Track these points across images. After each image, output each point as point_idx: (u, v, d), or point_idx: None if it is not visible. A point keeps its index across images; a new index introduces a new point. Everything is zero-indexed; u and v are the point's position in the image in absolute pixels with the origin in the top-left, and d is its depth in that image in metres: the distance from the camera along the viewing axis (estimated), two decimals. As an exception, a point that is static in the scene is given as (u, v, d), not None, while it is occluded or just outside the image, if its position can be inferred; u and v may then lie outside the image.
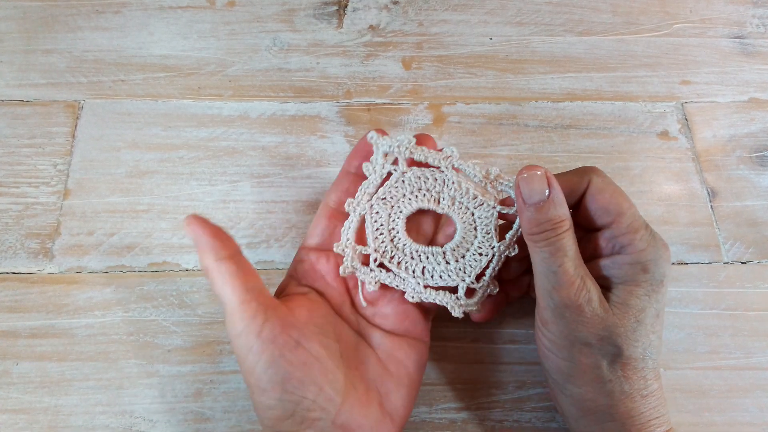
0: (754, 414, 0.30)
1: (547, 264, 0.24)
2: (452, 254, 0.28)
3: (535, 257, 0.25)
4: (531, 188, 0.24)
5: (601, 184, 0.26)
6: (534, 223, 0.24)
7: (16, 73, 0.38)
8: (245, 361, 0.23)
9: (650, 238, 0.25)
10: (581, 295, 0.23)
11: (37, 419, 0.29)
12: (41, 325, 0.31)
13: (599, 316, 0.23)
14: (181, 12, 0.41)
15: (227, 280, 0.23)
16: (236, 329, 0.23)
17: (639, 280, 0.24)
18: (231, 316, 0.23)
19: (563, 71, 0.40)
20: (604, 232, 0.26)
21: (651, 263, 0.24)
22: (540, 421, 0.30)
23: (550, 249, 0.24)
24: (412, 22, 0.42)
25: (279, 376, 0.22)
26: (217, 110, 0.38)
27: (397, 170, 0.28)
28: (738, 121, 0.39)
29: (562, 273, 0.24)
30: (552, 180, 0.24)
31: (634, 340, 0.24)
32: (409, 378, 0.27)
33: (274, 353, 0.22)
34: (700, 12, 0.43)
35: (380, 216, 0.28)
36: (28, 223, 0.34)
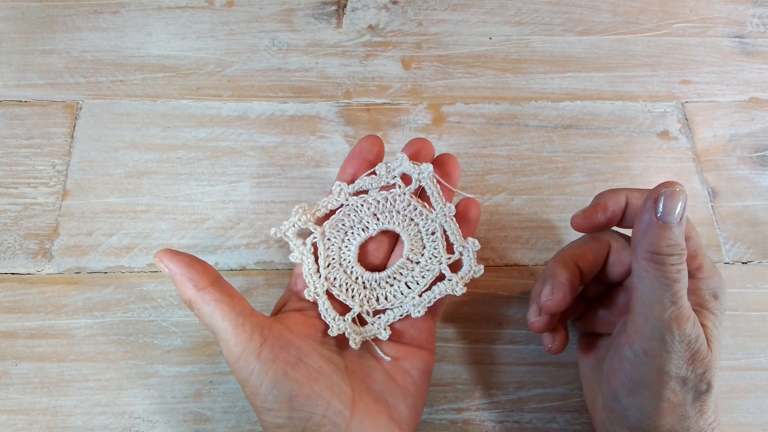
0: (755, 414, 0.30)
1: (667, 292, 0.22)
2: (399, 273, 0.28)
3: (650, 283, 0.22)
4: (673, 206, 0.22)
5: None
6: (664, 243, 0.22)
7: (14, 74, 0.38)
8: (247, 383, 0.22)
9: (713, 265, 0.24)
10: (694, 330, 0.22)
11: (36, 420, 0.29)
12: (40, 325, 0.31)
13: (702, 352, 0.22)
14: (179, 12, 0.41)
15: (215, 308, 0.23)
16: (234, 354, 0.22)
17: (712, 308, 0.23)
18: (226, 342, 0.22)
19: (563, 71, 0.40)
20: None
21: (719, 290, 0.24)
22: (540, 422, 0.30)
23: (674, 276, 0.22)
24: (411, 22, 0.42)
25: (285, 395, 0.22)
26: (216, 110, 0.38)
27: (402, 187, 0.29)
28: (738, 121, 0.38)
29: (682, 305, 0.22)
30: (686, 203, 0.22)
31: (716, 373, 0.23)
32: (415, 387, 0.27)
33: (276, 372, 0.22)
34: (700, 11, 0.43)
35: (352, 215, 0.29)
36: (27, 224, 0.34)
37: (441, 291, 0.28)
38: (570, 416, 0.30)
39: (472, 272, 0.28)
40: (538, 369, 0.31)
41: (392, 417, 0.25)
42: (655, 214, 0.22)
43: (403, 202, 0.29)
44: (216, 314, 0.23)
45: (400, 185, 0.29)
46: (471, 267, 0.28)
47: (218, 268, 0.33)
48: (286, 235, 0.28)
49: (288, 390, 0.22)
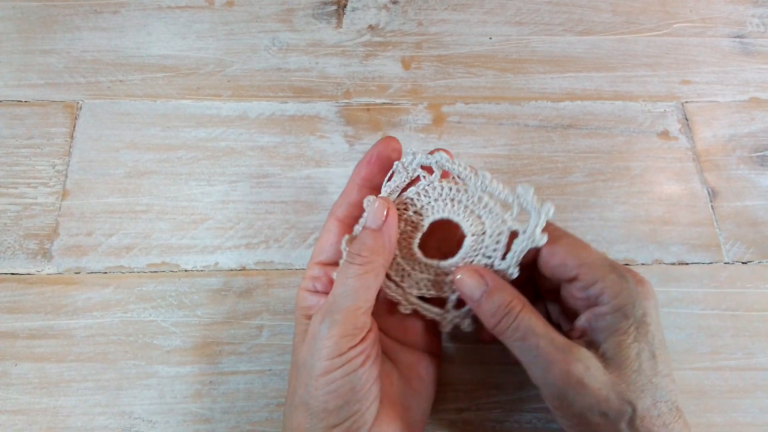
0: (755, 415, 0.30)
1: (526, 351, 0.23)
2: (452, 268, 0.27)
3: (513, 351, 0.24)
4: (469, 289, 0.25)
5: (552, 242, 0.25)
6: (488, 316, 0.24)
7: (14, 74, 0.38)
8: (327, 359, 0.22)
9: (620, 280, 0.23)
10: (575, 368, 0.22)
11: (36, 420, 0.29)
12: (40, 326, 0.31)
13: (602, 381, 0.22)
14: (179, 12, 0.41)
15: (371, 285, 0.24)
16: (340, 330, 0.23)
17: (623, 328, 0.23)
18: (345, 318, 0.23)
19: (563, 71, 0.40)
20: (574, 285, 0.25)
21: (629, 307, 0.23)
22: (540, 422, 0.30)
23: (517, 334, 0.23)
24: (411, 22, 0.42)
25: (351, 385, 0.22)
26: (216, 110, 0.38)
27: (427, 177, 0.27)
28: (738, 121, 0.38)
29: (542, 354, 0.23)
30: (482, 271, 0.25)
31: (640, 391, 0.22)
32: (427, 391, 0.27)
33: (357, 363, 0.23)
34: (700, 11, 0.43)
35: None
36: (27, 224, 0.34)
37: (521, 245, 0.26)
38: (570, 416, 0.30)
39: (542, 215, 0.25)
40: (538, 369, 0.31)
41: (406, 421, 0.25)
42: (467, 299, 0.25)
43: (436, 190, 0.27)
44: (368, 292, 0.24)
45: (424, 176, 0.27)
46: (538, 211, 0.25)
47: (218, 268, 0.33)
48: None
49: (357, 382, 0.22)
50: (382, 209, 0.25)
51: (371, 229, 0.25)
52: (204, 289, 0.32)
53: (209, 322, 0.32)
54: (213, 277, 0.33)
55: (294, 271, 0.33)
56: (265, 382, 0.30)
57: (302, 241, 0.34)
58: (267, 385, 0.30)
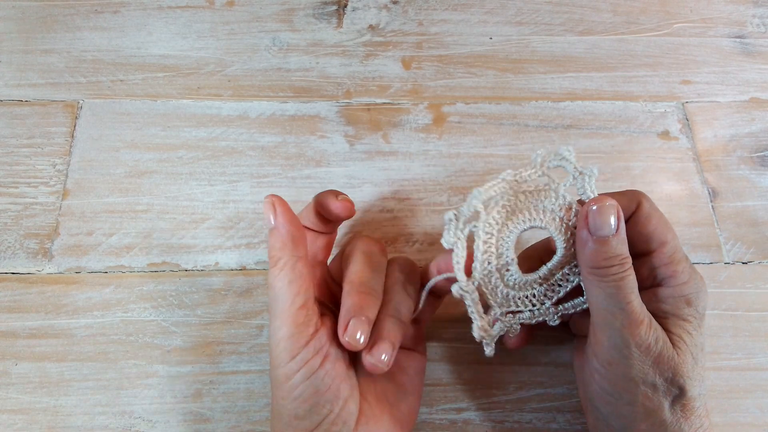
0: (755, 415, 0.30)
1: (614, 300, 0.23)
2: (519, 284, 0.26)
3: (597, 293, 0.23)
4: (602, 220, 0.23)
5: (650, 210, 0.24)
6: (601, 257, 0.23)
7: (14, 73, 0.38)
8: (283, 366, 0.22)
9: (691, 270, 0.24)
10: (650, 334, 0.22)
11: (37, 419, 0.29)
12: (40, 325, 0.31)
13: (666, 355, 0.22)
14: (180, 12, 0.41)
15: (294, 280, 0.23)
16: (283, 333, 0.22)
17: (685, 314, 0.23)
18: (283, 318, 0.22)
19: (563, 71, 0.40)
20: (648, 260, 0.24)
21: (693, 296, 0.23)
22: (541, 421, 0.30)
23: (618, 285, 0.22)
24: (411, 22, 0.42)
25: (315, 387, 0.22)
26: (217, 110, 0.38)
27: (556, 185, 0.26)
28: (739, 121, 0.38)
29: (631, 311, 0.22)
30: (620, 213, 0.23)
31: (694, 378, 0.23)
32: (413, 386, 0.27)
33: (315, 364, 0.22)
34: (700, 11, 0.43)
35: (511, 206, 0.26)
36: (27, 224, 0.34)
37: (578, 304, 0.26)
38: (570, 416, 0.30)
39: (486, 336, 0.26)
40: (538, 369, 0.31)
41: (394, 416, 0.25)
42: (588, 231, 0.23)
43: (558, 200, 0.26)
44: (292, 287, 0.23)
45: (555, 180, 0.26)
46: (493, 336, 0.26)
47: (218, 267, 0.33)
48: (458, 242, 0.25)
49: (320, 384, 0.22)
50: (267, 208, 0.24)
51: (269, 229, 0.24)
52: (204, 289, 0.32)
53: (209, 321, 0.32)
54: (213, 277, 0.33)
55: (294, 271, 0.33)
56: (265, 382, 0.30)
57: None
58: (267, 385, 0.30)
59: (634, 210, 0.25)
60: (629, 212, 0.25)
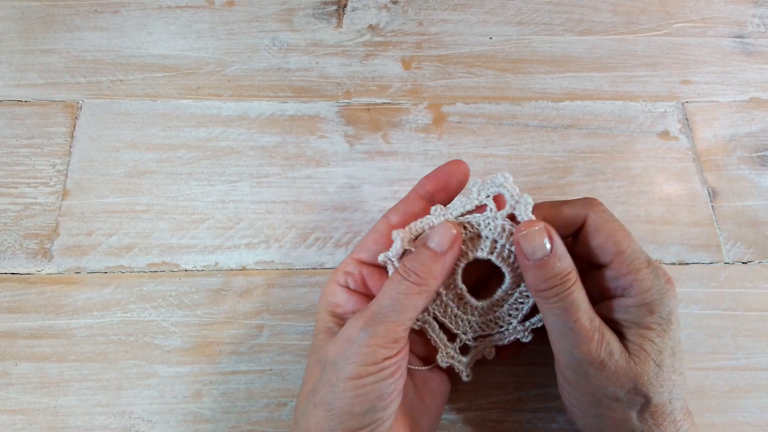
0: (755, 415, 0.30)
1: (562, 321, 0.23)
2: (477, 310, 0.27)
3: (547, 315, 0.24)
4: (532, 245, 0.23)
5: (599, 221, 0.24)
6: (541, 280, 0.23)
7: (14, 73, 0.38)
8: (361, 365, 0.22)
9: (653, 276, 0.23)
10: (602, 349, 0.22)
11: (36, 420, 0.29)
12: (40, 325, 0.31)
13: (623, 367, 0.22)
14: (179, 12, 0.41)
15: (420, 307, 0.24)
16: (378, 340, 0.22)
17: (647, 323, 0.23)
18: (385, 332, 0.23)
19: (563, 71, 0.40)
20: (606, 271, 0.24)
21: (656, 303, 0.23)
22: (540, 421, 0.30)
23: (562, 305, 0.23)
24: (411, 22, 0.42)
25: (379, 392, 0.22)
26: (216, 110, 0.38)
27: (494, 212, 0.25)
28: (739, 121, 0.38)
29: (579, 329, 0.22)
30: (552, 233, 0.23)
31: (659, 385, 0.23)
32: (437, 408, 0.27)
33: (388, 373, 0.23)
34: (700, 11, 0.43)
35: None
36: (27, 224, 0.34)
37: (438, 340, 0.27)
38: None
39: (458, 365, 0.27)
40: (538, 369, 0.31)
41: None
42: (524, 257, 0.23)
43: (497, 228, 0.25)
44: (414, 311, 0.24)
45: (492, 208, 0.25)
46: (466, 364, 0.27)
47: (218, 267, 0.33)
48: (390, 261, 0.26)
49: (384, 391, 0.22)
50: (450, 233, 0.24)
51: (434, 251, 0.24)
52: (204, 289, 0.32)
53: (209, 321, 0.32)
54: (213, 277, 0.33)
55: (294, 271, 0.33)
56: (265, 382, 0.30)
57: (302, 241, 0.34)
58: (267, 385, 0.30)
59: (583, 221, 0.25)
60: (576, 225, 0.25)
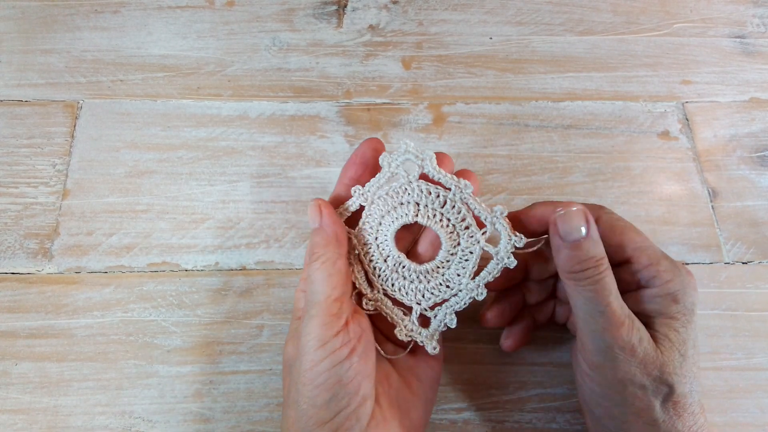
0: (755, 415, 0.30)
1: (593, 304, 0.23)
2: (423, 275, 0.27)
3: (577, 298, 0.24)
4: (570, 225, 0.23)
5: (611, 221, 0.25)
6: (575, 261, 0.23)
7: (14, 73, 0.38)
8: (310, 353, 0.23)
9: (674, 267, 0.24)
10: (633, 334, 0.22)
11: (37, 419, 0.29)
12: (40, 325, 0.31)
13: (650, 355, 0.23)
14: (180, 12, 0.41)
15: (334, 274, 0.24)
16: (316, 323, 0.23)
17: (672, 312, 0.23)
18: (318, 308, 0.23)
19: (563, 71, 0.40)
20: (625, 267, 0.25)
21: (680, 293, 0.24)
22: (540, 421, 0.30)
23: (595, 288, 0.23)
24: (411, 22, 0.42)
25: (338, 378, 0.22)
26: (217, 110, 0.38)
27: (407, 176, 0.27)
28: (739, 121, 0.38)
29: (611, 313, 0.23)
30: (589, 216, 0.23)
31: (683, 375, 0.23)
32: (425, 395, 0.27)
33: (342, 355, 0.23)
34: (700, 12, 0.43)
35: (376, 211, 0.27)
36: (27, 224, 0.34)
37: (493, 268, 0.26)
38: (570, 416, 0.30)
39: (512, 241, 0.26)
40: (538, 369, 0.31)
41: (403, 424, 0.25)
42: (559, 237, 0.23)
43: (415, 192, 0.27)
44: (330, 280, 0.24)
45: (403, 175, 0.26)
46: (509, 235, 0.26)
47: (218, 267, 0.33)
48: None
49: (343, 375, 0.23)
50: (314, 210, 0.26)
51: (313, 228, 0.26)
52: (204, 289, 0.32)
53: (209, 321, 0.32)
54: (213, 277, 0.33)
55: (294, 271, 0.33)
56: (265, 382, 0.30)
57: (302, 241, 0.34)
58: (267, 385, 0.30)
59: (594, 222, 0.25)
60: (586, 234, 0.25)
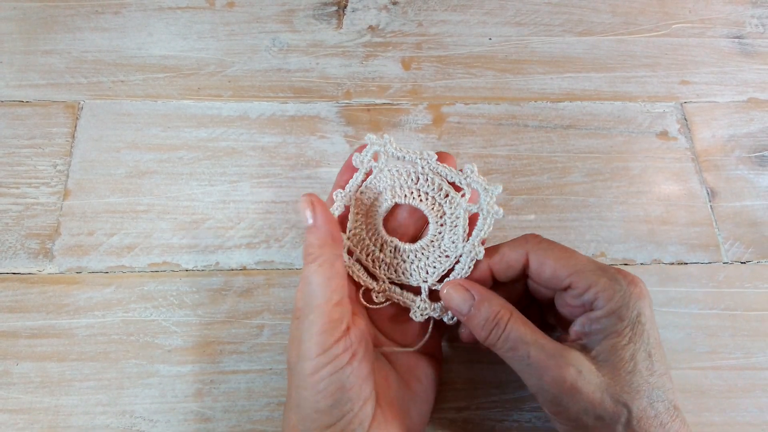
0: (753, 414, 0.30)
1: (517, 360, 0.24)
2: (421, 252, 0.28)
3: (507, 362, 0.24)
4: (456, 304, 0.25)
5: (540, 253, 0.25)
6: (479, 330, 0.24)
7: (15, 74, 0.38)
8: (311, 359, 0.22)
9: (613, 283, 0.24)
10: (567, 373, 0.22)
11: (38, 419, 0.29)
12: (41, 325, 0.31)
13: (595, 384, 0.23)
14: (180, 12, 0.41)
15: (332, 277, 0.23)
16: (317, 328, 0.23)
17: (617, 329, 0.23)
18: (318, 313, 0.23)
19: (562, 71, 0.40)
20: (568, 293, 0.25)
21: (623, 309, 0.23)
22: (540, 421, 0.30)
23: (508, 345, 0.24)
24: (411, 23, 0.42)
25: (340, 383, 0.22)
26: (217, 111, 0.38)
27: (377, 166, 0.28)
28: (737, 121, 0.39)
29: (534, 362, 0.23)
30: (470, 285, 0.25)
31: (635, 392, 0.23)
32: (425, 394, 0.27)
33: (343, 361, 0.22)
34: (699, 12, 0.43)
35: (361, 207, 0.28)
36: (28, 224, 0.34)
37: (482, 223, 0.27)
38: (569, 415, 0.30)
39: (490, 191, 0.26)
40: (537, 368, 0.31)
41: (404, 424, 0.25)
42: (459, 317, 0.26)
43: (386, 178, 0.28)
44: (330, 284, 0.23)
45: (374, 167, 0.28)
46: (485, 188, 0.27)
47: (219, 267, 0.33)
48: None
49: (345, 380, 0.22)
50: (304, 207, 0.25)
51: (307, 227, 0.25)
52: (205, 289, 0.32)
53: (210, 321, 0.32)
54: (214, 277, 0.33)
55: (295, 271, 0.33)
56: (265, 382, 0.30)
57: (302, 241, 0.34)
58: (268, 384, 0.30)
59: (525, 261, 0.26)
60: (521, 262, 0.26)
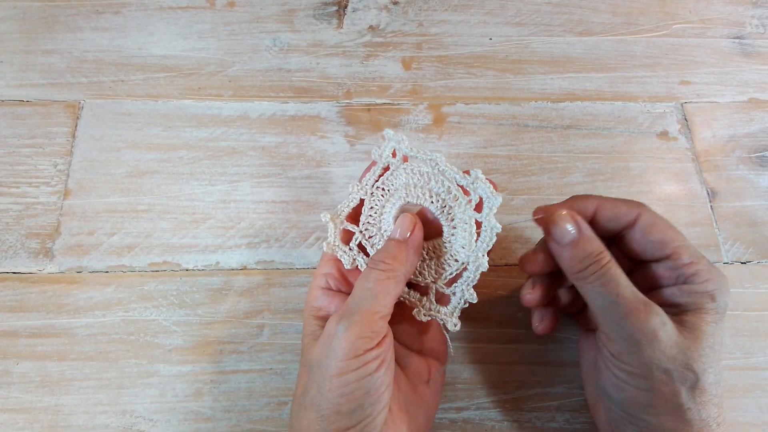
0: (753, 414, 0.30)
1: (604, 297, 0.24)
2: (433, 252, 0.28)
3: (589, 296, 0.25)
4: (561, 229, 0.25)
5: (653, 218, 0.26)
6: (576, 261, 0.25)
7: (16, 73, 0.38)
8: (342, 359, 0.22)
9: (712, 267, 0.25)
10: (652, 320, 0.23)
11: (38, 419, 0.29)
12: (42, 324, 0.31)
13: (675, 340, 0.23)
14: (181, 12, 0.41)
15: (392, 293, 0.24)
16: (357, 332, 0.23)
17: (708, 308, 0.24)
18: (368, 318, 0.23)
19: (563, 71, 0.40)
20: (663, 263, 0.26)
21: (717, 292, 0.24)
22: (540, 420, 0.30)
23: (601, 281, 0.24)
24: (411, 23, 0.42)
25: (366, 389, 0.22)
26: (217, 110, 0.38)
27: (394, 163, 0.28)
28: (737, 122, 0.39)
29: (624, 301, 0.23)
30: (577, 217, 0.25)
31: (709, 366, 0.23)
32: (432, 399, 0.27)
33: (372, 368, 0.23)
34: (699, 12, 0.43)
35: (377, 202, 0.28)
36: (29, 223, 0.34)
37: (485, 235, 0.26)
38: (569, 415, 0.30)
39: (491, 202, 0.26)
40: (538, 368, 0.31)
41: (410, 427, 0.25)
42: (555, 242, 0.25)
43: (402, 174, 0.28)
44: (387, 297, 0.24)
45: (392, 163, 0.28)
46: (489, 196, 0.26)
47: (219, 267, 0.33)
48: (336, 247, 0.28)
49: (371, 387, 0.22)
50: (409, 223, 0.26)
51: (396, 239, 0.26)
52: (205, 289, 0.32)
53: (210, 321, 0.32)
54: (214, 277, 0.33)
55: (295, 271, 0.33)
56: (266, 381, 0.30)
57: (303, 241, 0.34)
58: (268, 384, 0.30)
59: (634, 219, 0.26)
60: (628, 219, 0.26)
